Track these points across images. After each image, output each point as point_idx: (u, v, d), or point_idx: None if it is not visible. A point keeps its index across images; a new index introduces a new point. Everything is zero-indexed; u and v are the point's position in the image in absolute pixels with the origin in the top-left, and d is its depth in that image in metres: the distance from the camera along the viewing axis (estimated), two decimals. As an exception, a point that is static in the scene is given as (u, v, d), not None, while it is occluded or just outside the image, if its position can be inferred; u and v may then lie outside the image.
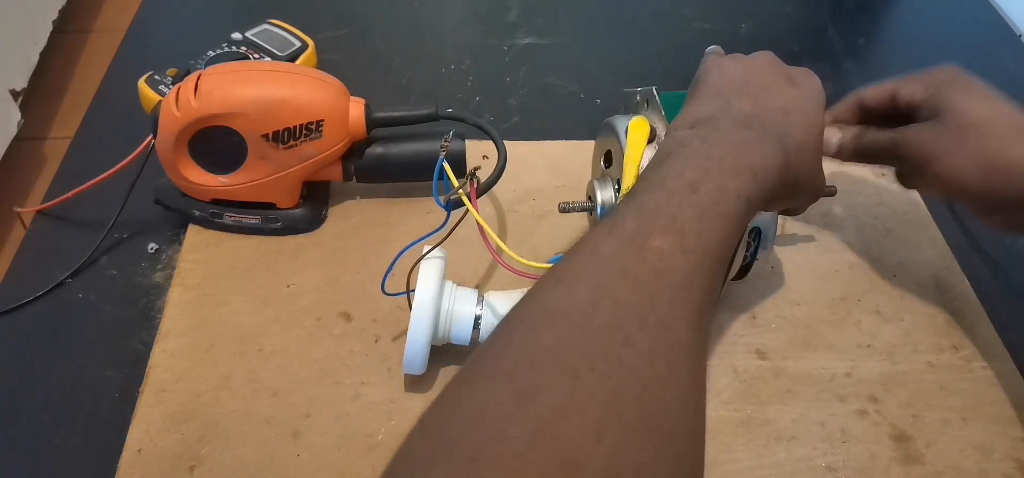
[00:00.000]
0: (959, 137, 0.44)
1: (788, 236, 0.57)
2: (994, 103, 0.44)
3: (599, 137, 0.51)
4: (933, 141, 0.44)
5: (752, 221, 0.44)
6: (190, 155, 0.52)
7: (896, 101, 0.48)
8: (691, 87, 0.44)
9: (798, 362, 0.49)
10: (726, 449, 0.45)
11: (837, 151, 0.50)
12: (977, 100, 0.44)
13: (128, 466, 0.43)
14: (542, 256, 0.50)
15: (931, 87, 0.46)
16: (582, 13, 0.80)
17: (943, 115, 0.44)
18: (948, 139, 0.44)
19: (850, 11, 0.81)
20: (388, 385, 0.47)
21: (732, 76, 0.42)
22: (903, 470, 0.44)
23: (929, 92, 0.46)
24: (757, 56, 0.44)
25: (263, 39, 0.67)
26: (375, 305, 0.51)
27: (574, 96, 0.70)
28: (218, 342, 0.49)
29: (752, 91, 0.41)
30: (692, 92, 0.43)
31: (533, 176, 0.60)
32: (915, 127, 0.46)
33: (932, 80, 0.46)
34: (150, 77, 0.61)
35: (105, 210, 0.54)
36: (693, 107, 0.41)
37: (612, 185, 0.48)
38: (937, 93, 0.45)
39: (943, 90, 0.45)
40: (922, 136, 0.45)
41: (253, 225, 0.55)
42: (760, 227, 0.46)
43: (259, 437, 0.44)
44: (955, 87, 0.45)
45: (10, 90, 1.61)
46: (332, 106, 0.51)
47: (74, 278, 0.52)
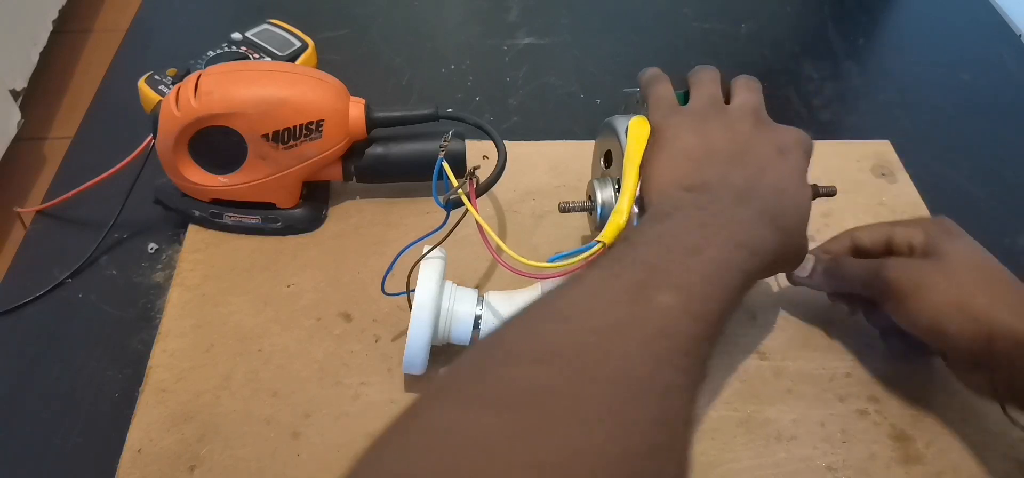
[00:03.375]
0: (951, 277, 0.41)
1: (788, 236, 0.57)
2: (996, 263, 0.42)
3: (599, 137, 0.51)
4: (922, 273, 0.42)
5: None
6: (190, 155, 0.52)
7: (892, 244, 0.46)
8: (655, 136, 0.43)
9: (798, 362, 0.49)
10: (726, 449, 0.45)
11: (809, 275, 0.48)
12: (979, 254, 0.43)
13: (128, 466, 0.43)
14: (542, 256, 0.50)
15: (931, 231, 0.44)
16: (582, 13, 0.80)
17: (938, 256, 0.43)
18: (938, 276, 0.42)
19: (850, 11, 0.81)
20: (388, 385, 0.47)
21: (720, 141, 0.41)
22: (903, 470, 0.44)
23: (929, 235, 0.44)
24: (742, 116, 0.43)
25: (263, 39, 0.67)
26: (375, 305, 0.51)
27: (574, 96, 0.70)
28: (218, 342, 0.49)
29: (747, 165, 0.41)
30: (663, 142, 0.42)
31: (533, 176, 0.60)
32: (904, 258, 0.44)
33: (932, 227, 0.45)
34: (150, 77, 0.61)
35: (105, 210, 0.54)
36: (680, 167, 0.41)
37: (612, 185, 0.48)
38: (937, 236, 0.44)
39: (942, 235, 0.43)
40: (910, 266, 0.43)
41: (253, 225, 0.55)
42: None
43: (259, 437, 0.44)
44: (953, 236, 0.43)
45: (10, 90, 1.61)
46: (332, 106, 0.51)
47: (74, 278, 0.52)
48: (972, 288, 0.41)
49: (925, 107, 0.70)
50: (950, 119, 0.69)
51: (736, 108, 0.44)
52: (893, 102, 0.70)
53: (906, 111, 0.69)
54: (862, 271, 0.45)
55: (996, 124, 0.69)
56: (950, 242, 0.43)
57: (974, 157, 0.65)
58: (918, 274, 0.42)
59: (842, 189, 0.50)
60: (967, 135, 0.67)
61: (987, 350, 0.40)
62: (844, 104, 0.70)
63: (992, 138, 0.67)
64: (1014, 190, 0.62)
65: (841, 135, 0.66)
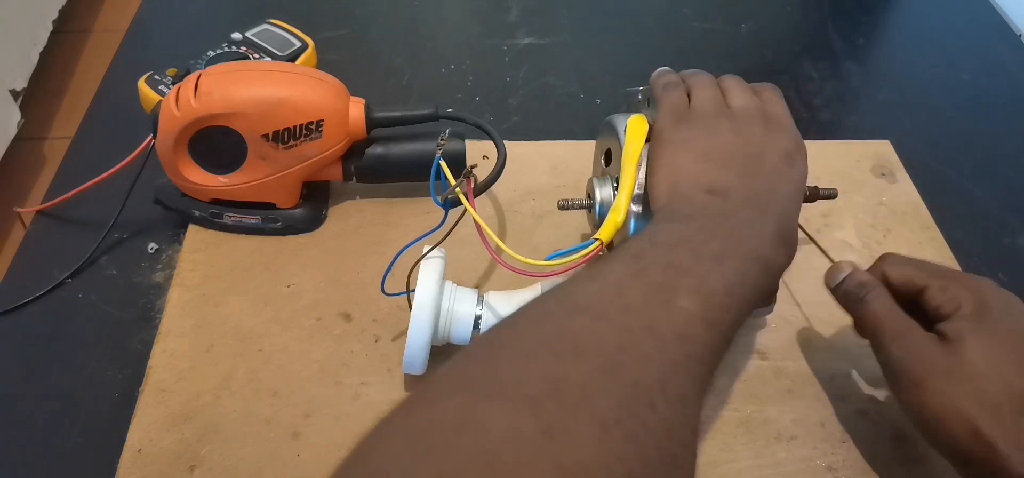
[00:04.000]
0: (974, 382, 0.36)
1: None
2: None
3: (599, 136, 0.51)
4: (935, 364, 0.37)
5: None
6: (190, 155, 0.52)
7: (924, 300, 0.40)
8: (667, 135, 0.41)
9: (798, 362, 0.49)
10: (726, 449, 0.45)
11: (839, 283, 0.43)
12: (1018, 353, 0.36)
13: (128, 466, 0.43)
14: (542, 256, 0.50)
15: (979, 302, 0.38)
16: (582, 13, 0.80)
17: (962, 346, 0.37)
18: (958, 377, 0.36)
19: (850, 11, 0.81)
20: (388, 385, 0.47)
21: (734, 144, 0.40)
22: (903, 470, 0.44)
23: (975, 306, 0.38)
24: (750, 119, 0.41)
25: (263, 39, 0.67)
26: (375, 305, 0.51)
27: (574, 96, 0.70)
28: (218, 342, 0.49)
29: (763, 173, 0.39)
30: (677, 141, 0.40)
31: (533, 176, 0.60)
32: (923, 337, 0.38)
33: (985, 294, 0.38)
34: (150, 77, 0.61)
35: (105, 210, 0.54)
36: (697, 167, 0.39)
37: (611, 183, 0.48)
38: (981, 312, 0.38)
39: (983, 314, 0.38)
40: (930, 351, 0.38)
41: (253, 225, 0.55)
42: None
43: (259, 437, 0.44)
44: (997, 320, 0.37)
45: (10, 90, 1.61)
46: (332, 106, 0.51)
47: (74, 278, 0.52)
48: (984, 402, 0.35)
49: (925, 107, 0.70)
50: (950, 119, 0.69)
51: (741, 110, 0.42)
52: (893, 102, 0.70)
53: (906, 111, 0.69)
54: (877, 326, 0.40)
55: (996, 124, 0.69)
56: (983, 330, 0.37)
57: (974, 157, 0.65)
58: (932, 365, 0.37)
59: (842, 189, 0.50)
60: (967, 135, 0.67)
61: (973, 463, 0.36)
62: (844, 104, 0.70)
63: (992, 138, 0.67)
64: (1014, 190, 0.62)
65: (841, 135, 0.66)
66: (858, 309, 0.42)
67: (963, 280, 0.40)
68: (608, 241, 0.42)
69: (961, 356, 0.37)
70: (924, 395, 0.37)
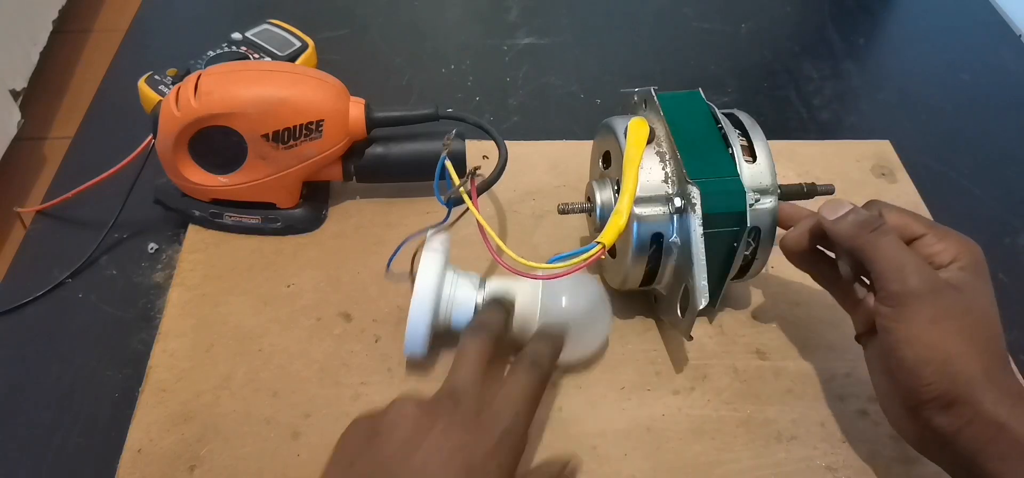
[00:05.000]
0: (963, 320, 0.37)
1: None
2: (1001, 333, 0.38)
3: (597, 138, 0.51)
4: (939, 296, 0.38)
5: (750, 220, 0.44)
6: (190, 155, 0.52)
7: (919, 245, 0.41)
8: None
9: (798, 362, 0.49)
10: (726, 449, 0.45)
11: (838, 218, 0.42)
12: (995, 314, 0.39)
13: (128, 466, 0.43)
14: (542, 256, 0.50)
15: (964, 259, 0.39)
16: (582, 13, 0.80)
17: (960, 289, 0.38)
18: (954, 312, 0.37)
19: (850, 11, 0.81)
20: (388, 385, 0.47)
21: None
22: (903, 470, 0.44)
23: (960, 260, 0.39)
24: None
25: (263, 39, 0.67)
26: (375, 305, 0.51)
27: (574, 96, 0.70)
28: (218, 342, 0.49)
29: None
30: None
31: (533, 176, 0.60)
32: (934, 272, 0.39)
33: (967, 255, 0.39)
34: (150, 77, 0.61)
35: (105, 210, 0.54)
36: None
37: (611, 186, 0.48)
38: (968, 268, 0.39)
39: (973, 271, 0.39)
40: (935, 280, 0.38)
41: (253, 225, 0.55)
42: (759, 226, 0.46)
43: (259, 437, 0.44)
44: (983, 279, 0.39)
45: (10, 90, 1.61)
46: (332, 106, 0.51)
47: (74, 278, 0.52)
48: (972, 346, 0.37)
49: (925, 107, 0.70)
50: (950, 119, 0.69)
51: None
52: (893, 102, 0.70)
53: (906, 111, 0.69)
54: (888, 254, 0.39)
55: (996, 124, 0.69)
56: (978, 283, 0.39)
57: (974, 157, 0.65)
58: (934, 295, 0.38)
59: (842, 189, 0.50)
60: (967, 135, 0.67)
61: (944, 410, 0.37)
62: (844, 104, 0.70)
63: (992, 138, 0.67)
64: (1014, 190, 0.62)
65: (841, 135, 0.66)
66: (871, 239, 0.40)
67: (957, 235, 0.40)
68: (610, 245, 0.42)
69: (962, 298, 0.38)
70: (919, 328, 0.37)
